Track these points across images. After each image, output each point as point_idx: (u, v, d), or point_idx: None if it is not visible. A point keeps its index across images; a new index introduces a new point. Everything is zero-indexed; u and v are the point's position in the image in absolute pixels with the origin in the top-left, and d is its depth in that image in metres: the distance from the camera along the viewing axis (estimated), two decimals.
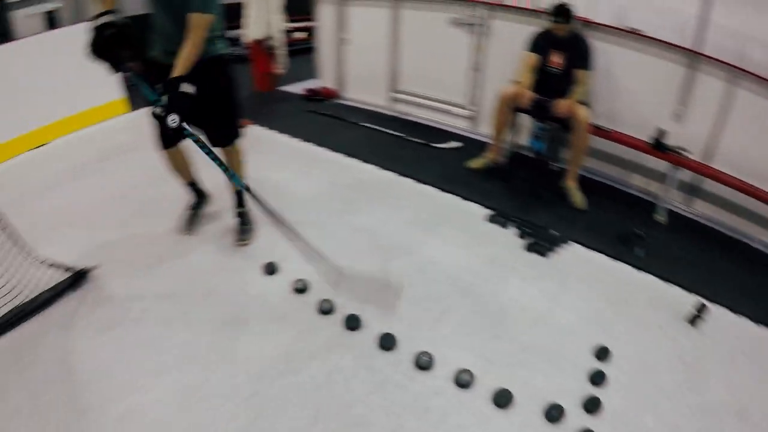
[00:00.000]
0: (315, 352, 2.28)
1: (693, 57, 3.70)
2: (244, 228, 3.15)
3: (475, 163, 4.20)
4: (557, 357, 2.30)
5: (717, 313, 2.70)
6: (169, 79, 2.38)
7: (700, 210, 3.93)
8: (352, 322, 2.43)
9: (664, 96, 3.88)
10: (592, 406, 2.06)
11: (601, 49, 3.97)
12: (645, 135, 3.83)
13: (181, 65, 2.41)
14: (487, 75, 4.82)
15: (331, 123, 5.30)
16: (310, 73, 6.62)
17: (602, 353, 2.34)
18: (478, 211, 3.53)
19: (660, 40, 3.84)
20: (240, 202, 3.17)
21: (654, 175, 4.04)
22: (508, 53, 4.36)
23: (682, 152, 3.69)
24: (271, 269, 2.84)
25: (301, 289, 2.67)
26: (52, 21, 6.68)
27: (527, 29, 4.09)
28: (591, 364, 2.27)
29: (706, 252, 3.41)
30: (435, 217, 3.45)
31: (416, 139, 4.78)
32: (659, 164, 3.87)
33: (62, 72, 4.92)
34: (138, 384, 2.09)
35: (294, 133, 4.87)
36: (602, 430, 1.96)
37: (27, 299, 2.51)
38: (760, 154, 3.59)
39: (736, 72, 3.54)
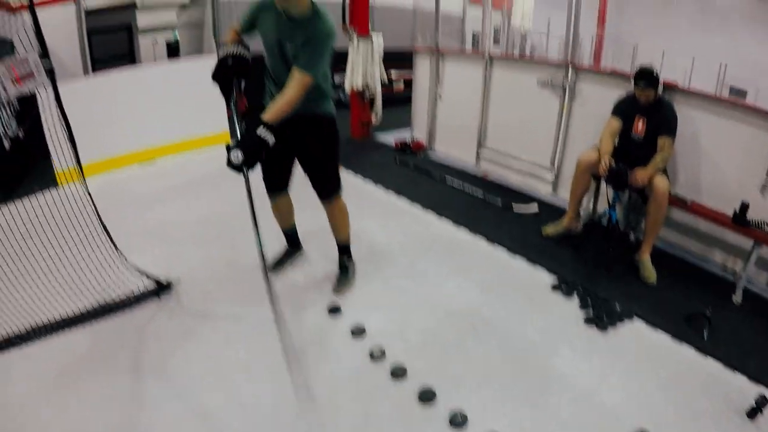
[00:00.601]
0: (358, 395, 2.42)
1: None
2: (344, 279, 3.29)
3: (551, 229, 4.22)
4: None
5: None
6: (253, 119, 2.49)
7: None
8: (399, 372, 2.55)
9: (752, 167, 3.71)
10: None
11: (687, 115, 3.90)
12: (728, 207, 3.66)
13: (271, 112, 2.51)
14: (571, 138, 4.87)
15: (416, 175, 5.53)
16: (404, 122, 6.91)
17: None
18: (544, 278, 3.54)
19: (750, 107, 3.73)
20: (344, 251, 3.35)
21: (735, 252, 3.87)
22: (594, 117, 4.39)
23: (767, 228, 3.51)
24: (334, 309, 3.04)
25: (357, 332, 2.84)
26: (173, 50, 7.45)
27: (615, 93, 4.10)
28: None
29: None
30: (499, 279, 3.50)
31: (495, 199, 4.87)
32: (741, 240, 3.70)
33: (176, 99, 5.65)
34: (192, 389, 2.39)
35: (379, 181, 5.16)
36: None
37: (114, 298, 2.94)
38: None
39: None
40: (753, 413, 2.47)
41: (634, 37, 14.66)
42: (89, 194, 2.94)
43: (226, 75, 2.57)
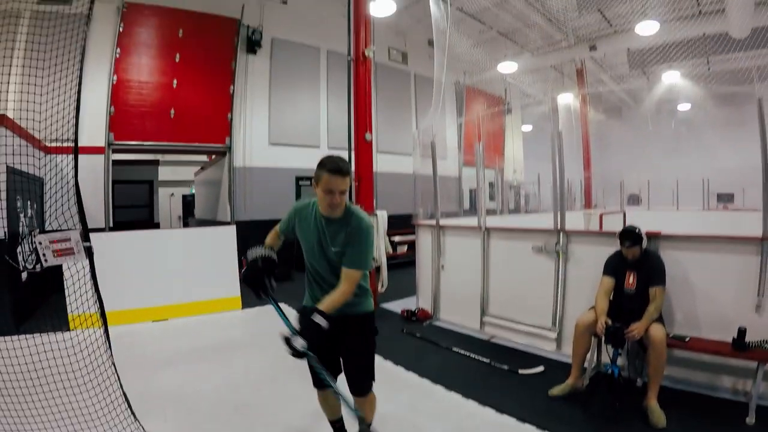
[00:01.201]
0: None
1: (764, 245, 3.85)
2: None
3: (557, 390, 4.26)
4: None
5: None
6: (307, 307, 2.64)
7: None
8: None
9: (744, 290, 3.95)
10: None
11: (674, 257, 4.22)
12: (727, 334, 3.83)
13: (326, 303, 2.63)
14: (569, 296, 5.12)
15: (423, 345, 5.68)
16: (408, 286, 7.18)
17: None
18: None
19: (730, 237, 4.06)
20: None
21: (742, 373, 3.95)
22: (588, 274, 4.66)
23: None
24: None
25: None
26: (188, 203, 8.04)
27: (605, 250, 4.41)
28: None
29: None
30: None
31: (502, 365, 4.94)
32: (746, 361, 3.79)
33: (190, 263, 6.30)
34: None
35: (388, 355, 5.27)
36: None
37: None
38: None
39: None
40: None
41: (620, 173, 15.51)
42: (111, 353, 3.14)
43: (256, 276, 2.82)
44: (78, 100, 3.12)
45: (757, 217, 4.06)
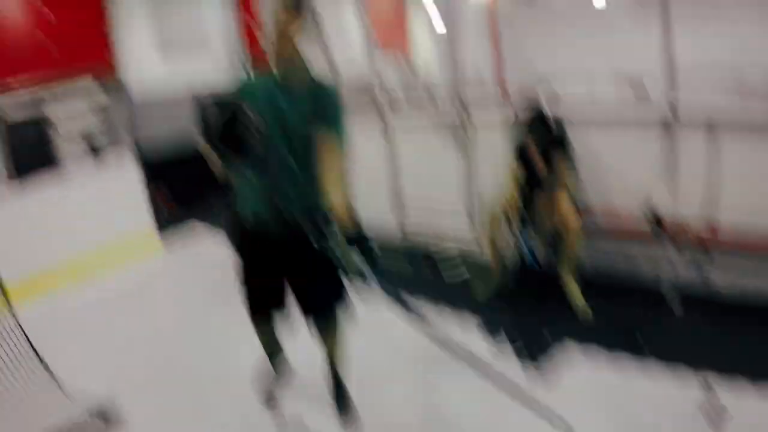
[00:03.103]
0: None
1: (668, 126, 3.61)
2: (348, 414, 2.60)
3: (478, 288, 4.02)
4: None
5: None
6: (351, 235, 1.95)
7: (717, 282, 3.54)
8: None
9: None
10: None
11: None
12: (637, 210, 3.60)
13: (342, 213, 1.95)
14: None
15: None
16: None
17: None
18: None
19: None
20: (338, 386, 2.65)
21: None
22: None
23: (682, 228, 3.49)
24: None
25: None
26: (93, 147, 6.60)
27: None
28: None
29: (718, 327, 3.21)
30: None
31: (428, 274, 4.56)
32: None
33: (99, 205, 5.19)
34: None
35: None
36: None
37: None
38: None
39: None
40: None
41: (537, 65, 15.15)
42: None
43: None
44: None
45: None
